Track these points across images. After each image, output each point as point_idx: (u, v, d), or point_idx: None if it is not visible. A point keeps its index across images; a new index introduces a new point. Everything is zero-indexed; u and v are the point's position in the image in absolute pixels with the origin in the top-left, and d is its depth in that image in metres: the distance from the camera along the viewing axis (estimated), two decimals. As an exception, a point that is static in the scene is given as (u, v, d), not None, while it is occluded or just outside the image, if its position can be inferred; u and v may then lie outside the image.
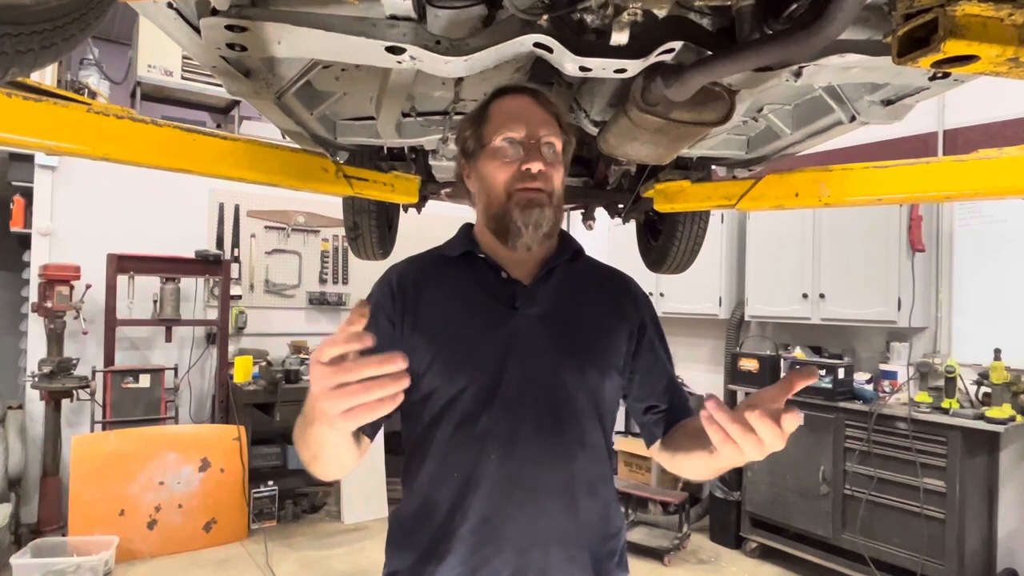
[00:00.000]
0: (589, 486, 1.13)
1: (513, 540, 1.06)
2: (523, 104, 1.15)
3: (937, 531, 3.41)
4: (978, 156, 1.59)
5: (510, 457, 1.08)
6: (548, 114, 1.15)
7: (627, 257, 2.82)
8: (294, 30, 1.03)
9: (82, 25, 0.50)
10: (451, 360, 1.10)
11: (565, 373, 1.13)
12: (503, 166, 1.13)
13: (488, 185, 1.15)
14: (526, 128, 1.12)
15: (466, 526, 1.07)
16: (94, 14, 0.52)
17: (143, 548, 4.00)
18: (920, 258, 3.87)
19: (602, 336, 1.19)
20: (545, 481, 1.09)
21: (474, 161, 1.18)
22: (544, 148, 1.13)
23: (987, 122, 3.78)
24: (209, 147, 1.51)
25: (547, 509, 1.08)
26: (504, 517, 1.07)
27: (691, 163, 2.05)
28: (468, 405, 1.09)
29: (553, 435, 1.10)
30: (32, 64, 0.47)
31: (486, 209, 1.17)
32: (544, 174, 1.12)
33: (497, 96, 1.19)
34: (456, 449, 1.09)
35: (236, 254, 5.34)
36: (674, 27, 1.09)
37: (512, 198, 1.12)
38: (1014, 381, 3.41)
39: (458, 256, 1.20)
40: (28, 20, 0.44)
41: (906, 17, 0.84)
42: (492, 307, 1.15)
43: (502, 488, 1.07)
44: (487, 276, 1.18)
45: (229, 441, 4.40)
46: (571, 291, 1.21)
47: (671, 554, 4.18)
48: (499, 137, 1.13)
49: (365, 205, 2.26)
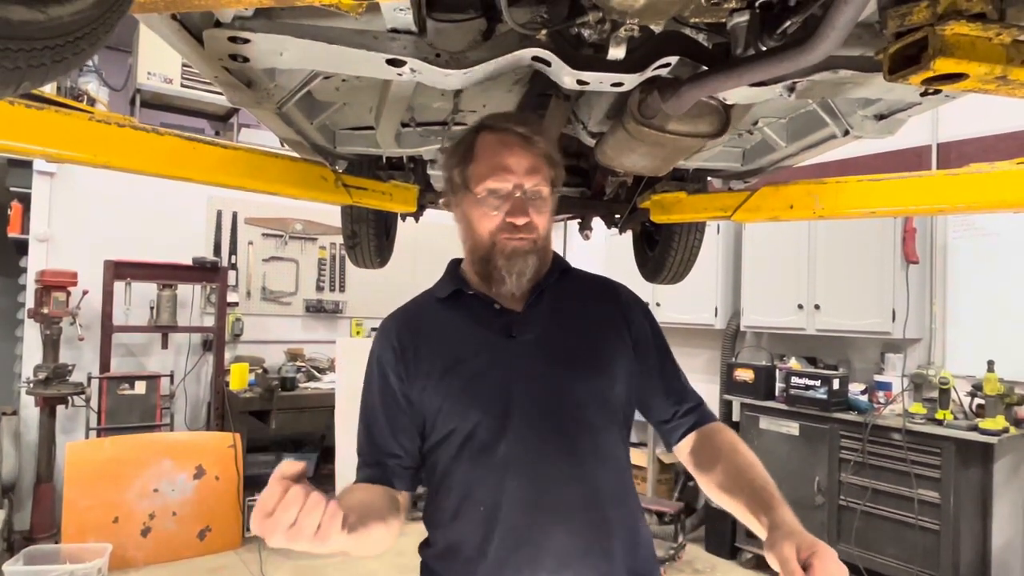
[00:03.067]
0: (613, 499, 1.13)
1: (545, 562, 1.07)
2: (510, 148, 1.13)
3: (932, 542, 3.41)
4: (971, 170, 1.61)
5: (532, 482, 1.08)
6: (536, 158, 1.14)
7: (624, 267, 2.84)
8: (296, 42, 1.04)
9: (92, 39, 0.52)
10: (460, 399, 1.12)
11: (571, 390, 1.14)
12: (486, 216, 1.13)
13: (473, 230, 1.16)
14: (512, 179, 1.11)
15: (497, 555, 1.07)
16: (104, 28, 0.53)
17: (137, 556, 3.98)
18: (914, 270, 3.89)
19: (602, 346, 1.20)
20: (569, 500, 1.09)
21: (460, 198, 1.18)
22: (530, 196, 1.13)
23: (980, 136, 3.81)
24: (209, 156, 1.52)
25: (575, 528, 1.08)
26: (534, 541, 1.07)
27: (687, 175, 2.07)
28: (484, 438, 1.10)
29: (570, 453, 1.11)
30: (43, 78, 0.48)
31: (472, 251, 1.19)
32: (529, 224, 1.13)
33: (484, 130, 1.17)
34: (477, 483, 1.10)
35: (233, 261, 5.34)
36: (670, 42, 1.11)
37: (496, 246, 1.13)
38: (1007, 393, 3.43)
39: (449, 296, 1.22)
40: (40, 35, 0.46)
41: (897, 35, 0.85)
42: (490, 340, 1.16)
43: (528, 513, 1.07)
44: (480, 311, 1.19)
45: (224, 448, 4.38)
46: (564, 309, 1.22)
47: (666, 564, 4.17)
48: (484, 187, 1.12)
49: (363, 214, 2.27)
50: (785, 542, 0.90)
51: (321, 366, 5.33)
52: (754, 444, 4.31)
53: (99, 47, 0.53)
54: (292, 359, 5.30)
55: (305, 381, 5.05)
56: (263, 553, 4.20)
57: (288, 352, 5.38)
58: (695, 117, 1.25)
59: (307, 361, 5.36)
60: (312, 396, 4.92)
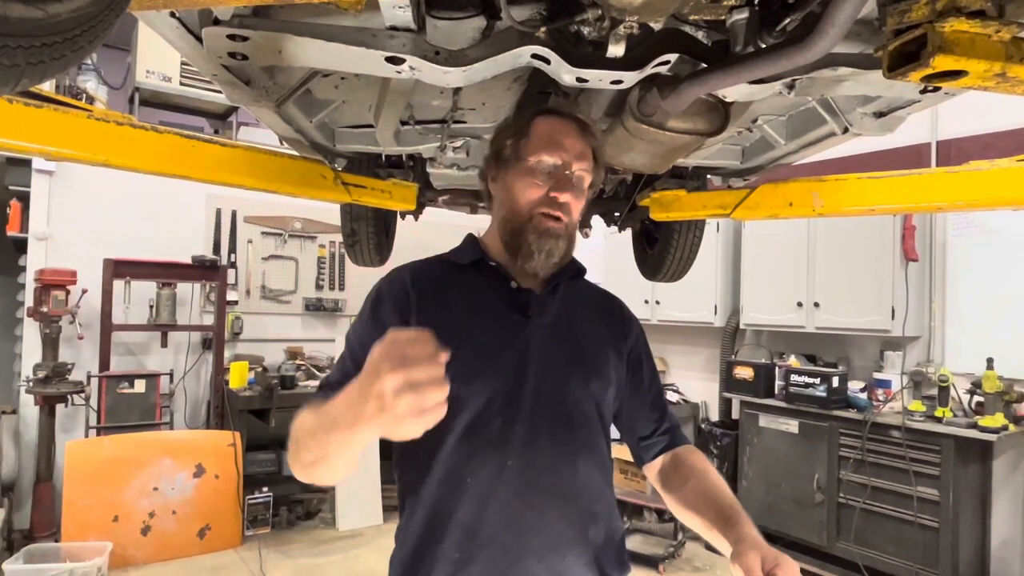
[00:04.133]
0: (599, 492, 1.16)
1: (534, 547, 1.07)
2: (567, 130, 1.16)
3: (931, 540, 3.41)
4: (970, 167, 1.61)
5: (529, 464, 1.08)
6: (587, 146, 1.17)
7: (623, 265, 2.84)
8: (295, 40, 1.04)
9: (91, 37, 0.52)
10: (468, 365, 1.08)
11: (575, 383, 1.16)
12: (532, 186, 1.15)
13: (512, 199, 1.17)
14: (564, 156, 1.14)
15: (489, 532, 1.06)
16: (102, 26, 0.53)
17: (137, 554, 3.98)
18: (914, 267, 3.89)
19: (603, 351, 1.23)
20: (563, 488, 1.11)
21: (504, 170, 1.19)
22: (575, 179, 1.15)
23: (980, 133, 3.81)
24: (209, 154, 1.52)
25: (566, 515, 1.10)
26: (527, 523, 1.07)
27: (687, 172, 2.07)
28: (483, 411, 1.09)
29: (568, 443, 1.12)
30: (42, 75, 0.48)
31: (504, 220, 1.19)
32: (568, 206, 1.15)
33: (544, 114, 1.19)
34: (470, 456, 1.08)
35: (233, 260, 5.33)
36: (670, 40, 1.11)
37: (532, 220, 1.14)
38: (1007, 390, 3.43)
39: (468, 264, 1.22)
40: (39, 33, 0.45)
41: (896, 32, 0.85)
42: (507, 315, 1.16)
43: (522, 494, 1.08)
44: (498, 285, 1.19)
45: (224, 447, 4.38)
46: (573, 307, 1.24)
47: (666, 562, 4.18)
48: (536, 157, 1.14)
49: (363, 212, 2.27)
50: (750, 552, 0.95)
51: (321, 364, 5.33)
52: (754, 442, 4.32)
53: (97, 44, 0.53)
54: (292, 357, 5.30)
55: (305, 379, 5.05)
56: (263, 552, 4.20)
57: (288, 350, 5.38)
58: (694, 115, 1.25)
59: (307, 360, 5.36)
60: (312, 395, 4.90)
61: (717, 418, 5.07)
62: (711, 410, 5.28)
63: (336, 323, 5.77)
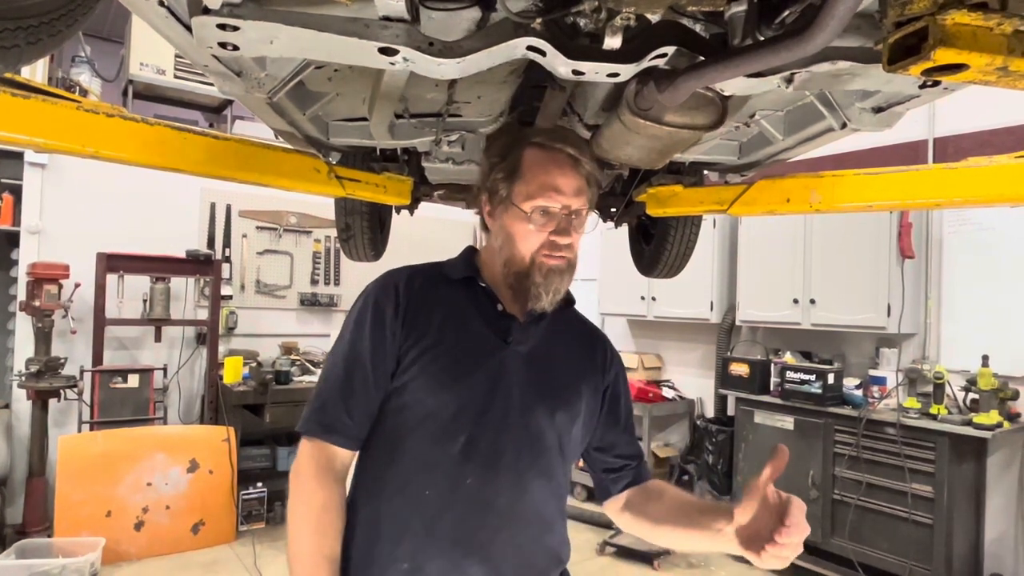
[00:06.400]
0: (552, 519, 1.18)
1: (484, 567, 1.08)
2: (560, 168, 1.15)
3: (925, 536, 3.42)
4: (968, 164, 1.60)
5: (488, 483, 1.09)
6: (582, 179, 1.16)
7: (619, 261, 2.82)
8: (286, 30, 1.02)
9: (69, 21, 0.50)
10: (439, 378, 1.11)
11: (541, 412, 1.16)
12: (532, 233, 1.14)
13: (513, 243, 1.16)
14: (562, 199, 1.13)
15: (436, 547, 1.07)
16: (81, 10, 0.51)
17: (130, 550, 3.97)
18: (910, 265, 3.89)
19: (576, 384, 1.24)
20: (520, 511, 1.12)
21: (502, 210, 1.18)
22: (575, 219, 1.15)
23: (977, 130, 3.81)
24: (200, 146, 1.49)
25: (517, 538, 1.11)
26: (476, 542, 1.08)
27: (684, 167, 2.05)
28: (449, 424, 1.10)
29: (528, 468, 1.13)
30: (17, 60, 0.46)
31: (507, 261, 1.18)
32: (571, 246, 1.15)
33: (535, 146, 1.17)
34: (431, 468, 1.09)
35: (227, 254, 5.31)
36: (667, 32, 1.09)
37: (535, 263, 1.14)
38: (1001, 388, 3.44)
39: (458, 279, 1.22)
40: (12, 15, 0.44)
41: (897, 25, 0.84)
42: (487, 337, 1.17)
43: (478, 512, 1.08)
44: (485, 305, 1.20)
45: (218, 442, 4.37)
46: (556, 337, 1.25)
47: (661, 558, 4.18)
48: (533, 205, 1.13)
49: (357, 206, 2.25)
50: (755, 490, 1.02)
51: (315, 360, 5.31)
52: (749, 439, 4.33)
53: (77, 29, 0.52)
54: (286, 352, 5.28)
55: (299, 375, 5.04)
56: (257, 547, 4.19)
57: (282, 346, 5.37)
58: (692, 109, 1.24)
59: (301, 355, 5.35)
60: (307, 390, 4.89)
61: (712, 415, 5.07)
62: (707, 407, 5.29)
63: (331, 318, 5.76)
